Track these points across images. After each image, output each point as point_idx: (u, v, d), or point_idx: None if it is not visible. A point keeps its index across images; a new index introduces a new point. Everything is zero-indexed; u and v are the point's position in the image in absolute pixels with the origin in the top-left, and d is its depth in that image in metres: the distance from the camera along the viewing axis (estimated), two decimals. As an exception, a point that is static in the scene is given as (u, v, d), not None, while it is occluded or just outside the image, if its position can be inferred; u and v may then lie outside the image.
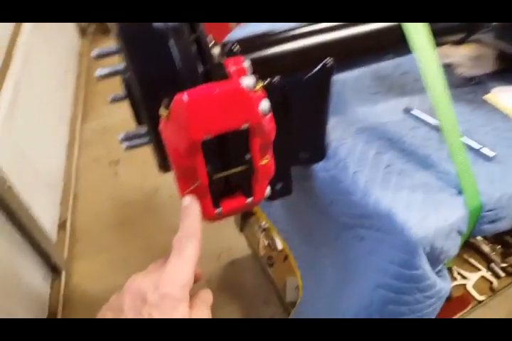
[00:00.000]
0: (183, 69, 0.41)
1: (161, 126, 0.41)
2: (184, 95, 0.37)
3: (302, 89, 0.52)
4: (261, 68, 0.46)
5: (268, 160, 0.45)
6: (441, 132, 0.57)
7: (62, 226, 1.68)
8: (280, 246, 1.29)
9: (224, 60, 0.46)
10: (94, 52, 0.45)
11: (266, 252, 1.31)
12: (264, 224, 1.34)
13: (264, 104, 0.40)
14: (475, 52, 0.69)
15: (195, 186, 0.43)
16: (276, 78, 0.48)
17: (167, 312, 0.38)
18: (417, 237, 0.51)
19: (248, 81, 0.38)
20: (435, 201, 0.54)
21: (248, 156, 0.43)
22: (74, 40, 2.65)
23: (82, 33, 2.84)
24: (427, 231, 0.51)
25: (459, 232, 0.54)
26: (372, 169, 0.58)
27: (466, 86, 0.71)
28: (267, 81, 0.47)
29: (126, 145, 0.48)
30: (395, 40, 0.56)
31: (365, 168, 0.58)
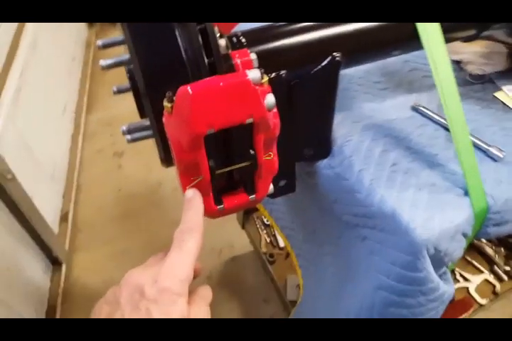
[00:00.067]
0: (188, 61, 0.41)
1: (163, 119, 0.40)
2: (188, 87, 0.36)
3: (309, 83, 0.51)
4: (267, 61, 0.46)
5: (272, 156, 0.44)
6: (448, 131, 0.56)
7: (64, 218, 1.68)
8: (282, 244, 1.28)
9: (230, 52, 0.45)
10: (100, 41, 0.45)
11: (267, 249, 1.30)
12: (267, 221, 1.34)
13: (270, 99, 0.39)
14: (486, 49, 0.68)
15: (197, 181, 0.42)
16: (283, 72, 0.47)
17: (165, 307, 0.37)
18: (421, 238, 0.50)
19: (254, 74, 0.37)
20: (441, 201, 0.53)
21: (252, 152, 0.43)
22: (82, 30, 2.64)
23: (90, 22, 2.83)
24: (431, 232, 0.50)
25: (464, 234, 0.53)
26: (378, 167, 0.57)
27: (476, 84, 0.70)
28: (274, 74, 0.46)
29: (129, 137, 0.47)
30: (404, 36, 0.56)
31: (370, 165, 0.58)
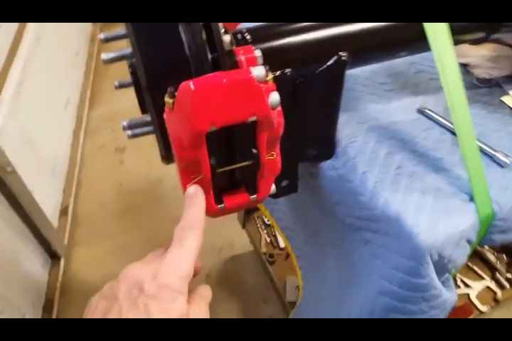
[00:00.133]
0: (191, 56, 0.40)
1: (165, 115, 0.39)
2: (191, 83, 0.35)
3: (314, 82, 0.50)
4: (272, 59, 0.45)
5: (275, 155, 0.44)
6: (454, 135, 0.55)
7: (63, 213, 1.67)
8: (282, 244, 1.28)
9: (234, 48, 0.44)
10: (102, 35, 0.44)
11: (267, 249, 1.29)
12: (268, 221, 1.33)
13: (274, 97, 0.38)
14: (493, 52, 0.67)
15: (198, 179, 0.41)
16: (288, 70, 0.46)
17: (164, 304, 0.36)
18: (425, 243, 0.49)
19: (259, 71, 0.36)
20: (446, 206, 0.52)
21: (254, 151, 0.42)
22: (86, 24, 2.63)
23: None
24: (436, 237, 0.49)
25: (469, 241, 0.52)
26: (383, 170, 0.56)
27: (482, 87, 0.69)
28: (279, 72, 0.46)
29: (129, 133, 0.46)
30: (411, 37, 0.55)
31: (375, 168, 0.57)
